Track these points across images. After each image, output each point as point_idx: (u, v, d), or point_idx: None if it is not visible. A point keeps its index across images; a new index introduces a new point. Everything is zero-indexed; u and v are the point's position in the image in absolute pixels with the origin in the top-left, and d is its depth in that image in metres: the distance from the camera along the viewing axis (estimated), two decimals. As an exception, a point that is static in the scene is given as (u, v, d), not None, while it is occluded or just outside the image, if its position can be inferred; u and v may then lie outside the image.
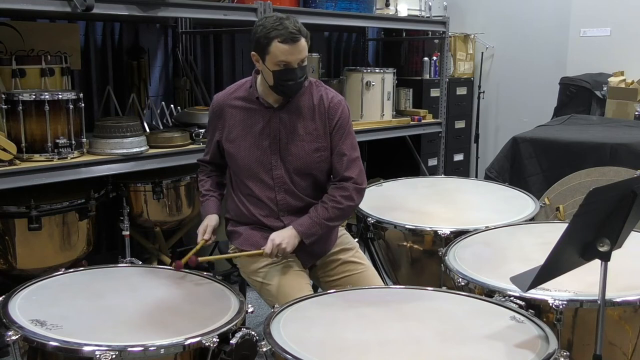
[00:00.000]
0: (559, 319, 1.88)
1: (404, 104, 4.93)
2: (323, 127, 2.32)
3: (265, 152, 2.31)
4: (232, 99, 2.36)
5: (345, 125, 2.34)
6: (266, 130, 2.31)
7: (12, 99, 2.78)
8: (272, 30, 2.13)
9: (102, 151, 3.05)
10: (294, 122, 2.31)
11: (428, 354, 1.67)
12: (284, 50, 2.14)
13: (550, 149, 3.84)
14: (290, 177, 2.32)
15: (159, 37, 4.14)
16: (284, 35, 2.13)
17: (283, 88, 2.22)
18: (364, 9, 4.31)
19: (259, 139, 2.31)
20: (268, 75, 2.22)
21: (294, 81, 2.21)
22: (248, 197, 2.36)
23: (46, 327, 1.79)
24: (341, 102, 2.36)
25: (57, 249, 3.01)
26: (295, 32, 2.14)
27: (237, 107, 2.34)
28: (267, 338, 1.72)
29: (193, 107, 3.91)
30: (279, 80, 2.20)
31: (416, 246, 2.65)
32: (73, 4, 2.82)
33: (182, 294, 2.10)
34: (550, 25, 5.18)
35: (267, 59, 2.18)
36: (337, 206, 2.30)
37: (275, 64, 2.17)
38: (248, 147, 2.31)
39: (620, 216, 1.60)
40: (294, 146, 2.30)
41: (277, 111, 2.31)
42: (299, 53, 2.17)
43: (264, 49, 2.17)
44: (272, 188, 2.33)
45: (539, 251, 2.21)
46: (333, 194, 2.32)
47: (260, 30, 2.17)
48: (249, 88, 2.35)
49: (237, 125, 2.33)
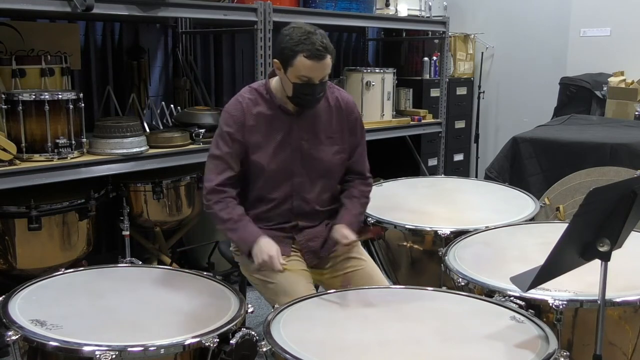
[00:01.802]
0: (559, 319, 1.88)
1: (404, 104, 4.93)
2: (341, 128, 2.35)
3: (287, 159, 2.29)
4: (251, 107, 2.28)
5: (361, 123, 2.43)
6: (288, 138, 2.29)
7: (12, 99, 2.78)
8: (299, 44, 2.10)
9: (102, 151, 3.05)
10: (315, 127, 2.31)
11: (428, 354, 1.67)
12: (308, 66, 2.12)
13: (550, 149, 3.84)
14: (310, 183, 2.33)
15: (159, 37, 4.14)
16: (310, 51, 2.10)
17: (301, 101, 2.22)
18: (364, 9, 4.31)
19: (281, 147, 2.28)
20: (288, 86, 2.21)
21: (313, 96, 2.20)
22: (261, 203, 2.33)
23: (46, 327, 1.79)
24: (353, 101, 2.44)
25: (57, 249, 3.01)
26: (322, 49, 2.11)
27: (259, 115, 2.28)
28: (267, 338, 1.72)
29: (193, 107, 3.91)
30: (297, 93, 2.19)
31: (416, 246, 2.65)
32: (73, 4, 2.82)
33: (182, 294, 2.09)
34: (550, 25, 5.18)
35: (289, 71, 2.16)
36: (367, 201, 2.45)
37: (297, 77, 2.16)
38: (271, 155, 2.27)
39: (620, 216, 1.60)
40: (316, 151, 2.31)
41: (297, 117, 2.30)
42: (322, 70, 2.15)
43: (288, 60, 2.14)
44: (290, 195, 2.32)
45: (539, 251, 2.21)
46: (362, 189, 2.43)
47: (286, 41, 2.14)
48: (265, 94, 2.30)
49: (259, 133, 2.27)
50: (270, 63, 3.65)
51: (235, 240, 2.30)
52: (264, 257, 2.17)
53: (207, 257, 3.85)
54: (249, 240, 2.22)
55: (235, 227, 2.24)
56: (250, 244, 2.22)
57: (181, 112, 3.72)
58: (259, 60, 3.62)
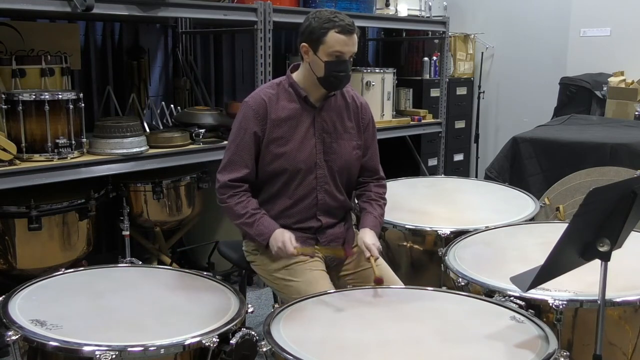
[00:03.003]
0: (559, 319, 1.88)
1: (404, 104, 4.93)
2: (357, 126, 2.42)
3: (312, 152, 2.32)
4: (275, 99, 2.32)
5: (374, 126, 2.49)
6: (311, 130, 2.33)
7: (12, 99, 2.78)
8: (328, 22, 2.20)
9: (102, 151, 3.05)
10: (335, 121, 2.36)
11: (428, 354, 1.67)
12: (340, 40, 2.20)
13: (550, 149, 3.84)
14: (332, 177, 2.37)
15: (159, 37, 4.14)
16: (341, 26, 2.19)
17: (334, 79, 2.25)
18: (364, 9, 4.31)
19: (305, 139, 2.31)
20: (318, 67, 2.24)
21: (345, 72, 2.25)
22: (285, 197, 2.34)
23: (46, 327, 1.79)
24: (367, 102, 2.50)
25: (57, 249, 3.01)
26: (351, 25, 2.22)
27: (283, 108, 2.31)
28: (267, 338, 1.72)
29: (193, 107, 3.91)
30: (330, 71, 2.23)
31: (416, 246, 2.65)
32: (73, 4, 2.82)
33: (182, 294, 2.09)
34: (550, 25, 5.18)
35: (320, 49, 2.22)
36: (385, 203, 2.48)
37: (329, 54, 2.21)
38: (296, 148, 2.30)
39: (620, 216, 1.60)
40: (337, 145, 2.36)
41: (319, 111, 2.34)
42: (352, 45, 2.23)
43: (318, 39, 2.21)
44: (315, 188, 2.34)
45: (539, 251, 2.21)
46: (379, 192, 2.47)
47: (315, 22, 2.22)
48: (288, 88, 2.34)
49: (283, 126, 2.30)
50: (270, 63, 3.65)
51: (252, 234, 2.31)
52: (278, 244, 2.20)
53: (207, 257, 3.85)
54: (266, 233, 2.25)
55: (251, 221, 2.27)
56: (267, 237, 2.24)
57: (181, 112, 3.72)
58: (259, 60, 3.62)
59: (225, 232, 3.84)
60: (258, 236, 2.27)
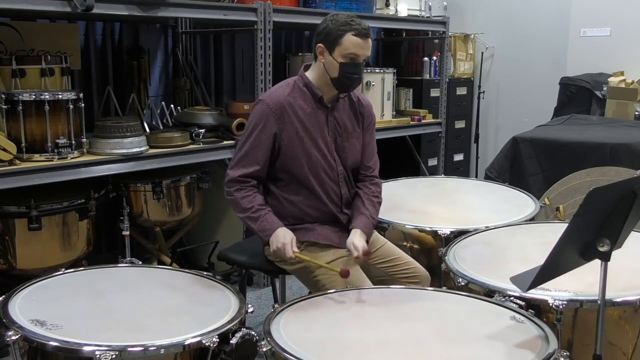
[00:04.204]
0: (559, 319, 1.88)
1: (404, 104, 4.93)
2: (360, 125, 2.48)
3: (330, 150, 2.39)
4: (291, 98, 2.34)
5: (375, 124, 2.56)
6: (325, 130, 2.38)
7: (12, 99, 2.78)
8: (346, 24, 2.26)
9: (102, 151, 3.05)
10: (344, 121, 2.43)
11: (428, 354, 1.67)
12: (356, 43, 2.25)
13: (550, 149, 3.84)
14: (347, 172, 2.44)
15: (159, 37, 4.14)
16: (358, 30, 2.25)
17: (347, 80, 2.30)
18: (364, 9, 4.31)
19: (321, 138, 2.36)
20: (333, 68, 2.29)
21: (358, 75, 2.31)
22: (309, 196, 2.37)
23: (46, 327, 1.79)
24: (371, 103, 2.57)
25: (57, 249, 3.01)
26: (367, 29, 2.28)
27: (299, 107, 2.34)
28: (267, 338, 1.72)
29: (193, 107, 3.91)
30: (344, 73, 2.28)
31: (416, 246, 2.65)
32: (73, 4, 2.82)
33: (182, 294, 2.10)
34: (550, 25, 5.18)
35: (336, 51, 2.27)
36: (380, 201, 2.49)
37: (344, 56, 2.27)
38: (315, 146, 2.35)
39: (620, 216, 1.60)
40: (348, 143, 2.43)
41: (331, 111, 2.40)
42: (367, 48, 2.29)
43: (335, 40, 2.26)
44: (337, 182, 2.41)
45: (539, 251, 2.21)
46: (373, 190, 2.48)
47: (332, 24, 2.28)
48: (303, 87, 2.37)
49: (301, 125, 2.33)
50: (270, 63, 3.66)
51: (254, 229, 2.33)
52: (278, 245, 2.23)
53: (207, 257, 3.85)
54: (268, 230, 2.28)
55: (256, 216, 2.30)
56: (270, 234, 2.27)
57: (181, 112, 3.72)
58: (259, 60, 3.62)
59: (225, 232, 3.84)
60: (261, 232, 2.30)
